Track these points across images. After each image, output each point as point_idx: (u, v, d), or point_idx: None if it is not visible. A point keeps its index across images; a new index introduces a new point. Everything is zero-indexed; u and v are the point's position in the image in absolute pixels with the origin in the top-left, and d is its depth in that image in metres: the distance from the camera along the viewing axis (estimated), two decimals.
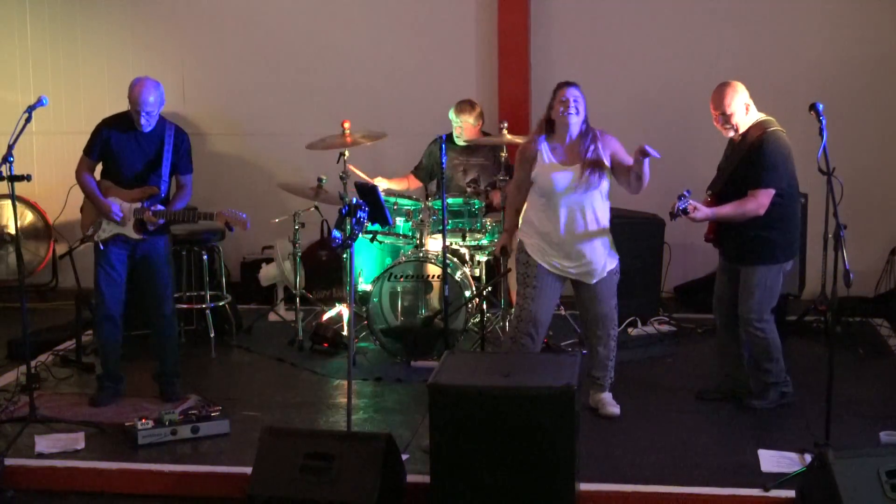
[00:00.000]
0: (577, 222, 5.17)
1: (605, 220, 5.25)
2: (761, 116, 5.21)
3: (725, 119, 5.16)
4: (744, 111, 5.16)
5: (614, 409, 5.34)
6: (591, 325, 5.40)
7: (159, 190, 5.50)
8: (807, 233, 6.71)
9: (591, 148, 5.13)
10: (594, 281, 5.26)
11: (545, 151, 5.20)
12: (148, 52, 8.20)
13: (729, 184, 5.19)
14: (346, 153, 6.54)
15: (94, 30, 8.33)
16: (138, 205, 5.49)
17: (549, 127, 5.22)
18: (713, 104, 5.19)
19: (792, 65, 7.62)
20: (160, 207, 5.49)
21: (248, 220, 5.52)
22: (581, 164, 5.13)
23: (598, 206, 5.20)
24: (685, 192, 4.98)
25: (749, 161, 5.10)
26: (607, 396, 5.40)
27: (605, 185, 5.20)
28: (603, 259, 5.24)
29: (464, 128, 6.75)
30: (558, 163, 5.17)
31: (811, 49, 7.63)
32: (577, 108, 5.10)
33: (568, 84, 5.15)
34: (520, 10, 7.77)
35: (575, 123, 5.12)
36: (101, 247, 5.54)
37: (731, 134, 5.23)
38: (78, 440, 5.04)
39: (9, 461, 4.76)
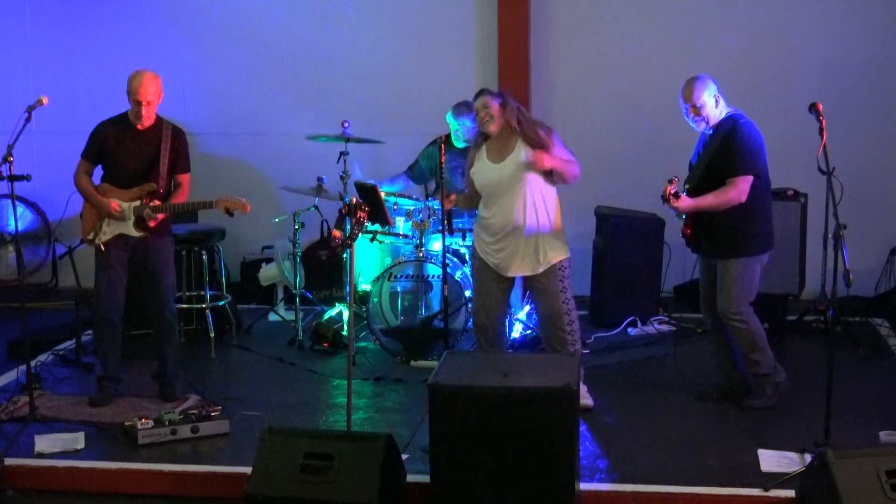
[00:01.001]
0: (506, 215, 5.27)
1: (537, 215, 5.26)
2: (731, 110, 5.24)
3: (696, 112, 5.18)
4: (713, 104, 5.17)
5: (587, 401, 5.31)
6: (541, 321, 5.47)
7: (157, 186, 5.50)
8: (807, 233, 6.72)
9: (517, 147, 5.25)
10: (519, 275, 5.37)
11: (483, 152, 5.40)
12: (147, 52, 8.19)
13: (705, 178, 5.19)
14: (347, 152, 6.55)
15: (94, 29, 8.33)
16: (137, 202, 5.49)
17: (483, 135, 5.44)
18: (683, 97, 5.22)
19: (791, 65, 7.62)
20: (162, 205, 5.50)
21: (248, 203, 5.52)
22: (506, 161, 5.26)
23: (529, 201, 5.24)
24: (675, 177, 5.03)
25: (724, 151, 5.11)
26: (581, 389, 5.36)
27: (533, 182, 5.24)
28: (532, 254, 5.28)
29: (462, 130, 6.75)
30: (489, 160, 5.34)
31: (810, 49, 7.63)
32: (489, 115, 5.27)
33: (479, 94, 5.35)
34: (520, 10, 7.76)
35: (489, 127, 5.30)
36: (103, 248, 5.54)
37: (702, 127, 5.24)
38: (78, 440, 5.04)
39: (9, 461, 4.77)
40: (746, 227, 5.18)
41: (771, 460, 4.69)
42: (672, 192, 5.05)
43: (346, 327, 6.57)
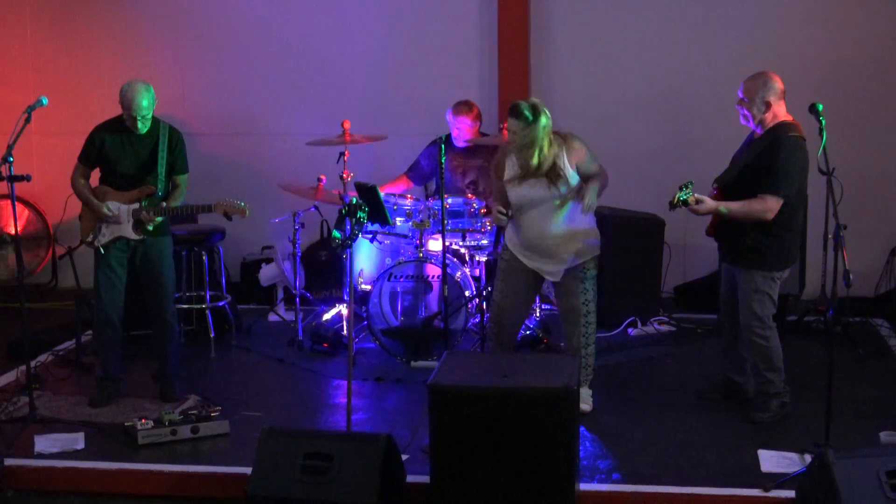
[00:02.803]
0: (539, 227, 5.24)
1: (570, 222, 5.24)
2: (787, 119, 5.11)
3: (739, 105, 5.11)
4: (762, 106, 5.05)
5: (584, 405, 5.26)
6: (561, 319, 5.45)
7: (156, 189, 5.50)
8: (807, 233, 6.71)
9: (549, 159, 5.16)
10: (556, 279, 5.33)
11: (510, 163, 5.30)
12: (147, 52, 8.19)
13: (739, 178, 5.09)
14: (347, 153, 6.55)
15: (95, 30, 8.33)
16: (136, 205, 5.49)
17: None
18: (742, 85, 5.16)
19: (790, 65, 7.58)
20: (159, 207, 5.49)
21: (247, 207, 5.51)
22: (538, 177, 5.18)
23: (560, 212, 5.22)
24: (690, 182, 4.96)
25: (764, 161, 5.00)
26: (583, 392, 5.37)
27: (566, 189, 5.19)
28: (566, 258, 5.27)
29: (461, 129, 6.75)
30: (520, 173, 5.23)
31: (810, 49, 7.62)
32: (513, 138, 5.16)
33: (510, 114, 5.14)
34: (520, 10, 7.76)
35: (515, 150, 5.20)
36: (102, 251, 5.54)
37: (743, 122, 5.16)
38: (78, 440, 5.04)
39: (9, 461, 4.76)
40: (768, 242, 5.08)
41: (771, 460, 4.69)
42: (682, 199, 4.94)
43: (346, 327, 6.57)
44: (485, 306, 6.28)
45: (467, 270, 6.48)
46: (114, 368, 5.68)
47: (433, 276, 6.29)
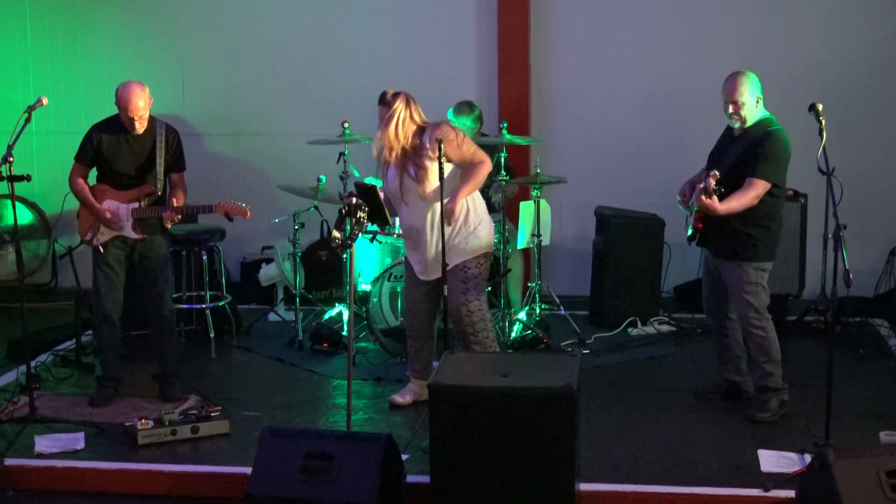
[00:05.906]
0: (405, 217, 5.30)
1: (438, 220, 5.16)
2: (766, 114, 5.15)
3: (735, 108, 5.07)
4: (754, 103, 5.06)
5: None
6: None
7: (156, 189, 5.51)
8: (806, 233, 6.72)
9: (415, 146, 5.20)
10: (428, 277, 5.32)
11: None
12: (147, 52, 8.19)
13: (730, 175, 5.06)
14: (347, 153, 6.55)
15: (94, 30, 8.33)
16: (135, 204, 5.50)
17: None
18: (725, 92, 5.10)
19: (792, 65, 7.62)
20: (162, 206, 5.49)
21: (249, 208, 5.51)
22: (396, 162, 5.23)
23: (428, 208, 5.19)
24: (715, 172, 4.92)
25: (753, 152, 5.00)
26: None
27: (423, 181, 5.15)
28: (436, 258, 5.19)
29: (462, 129, 6.73)
30: (383, 162, 5.33)
31: (811, 49, 7.63)
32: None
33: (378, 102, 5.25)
34: (520, 10, 7.77)
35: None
36: (101, 249, 5.54)
37: (737, 125, 5.14)
38: (78, 440, 5.04)
39: (9, 461, 4.76)
40: (757, 233, 5.10)
41: (771, 460, 4.69)
42: (714, 187, 4.88)
43: (346, 327, 6.57)
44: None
45: None
46: (113, 368, 5.68)
47: None
